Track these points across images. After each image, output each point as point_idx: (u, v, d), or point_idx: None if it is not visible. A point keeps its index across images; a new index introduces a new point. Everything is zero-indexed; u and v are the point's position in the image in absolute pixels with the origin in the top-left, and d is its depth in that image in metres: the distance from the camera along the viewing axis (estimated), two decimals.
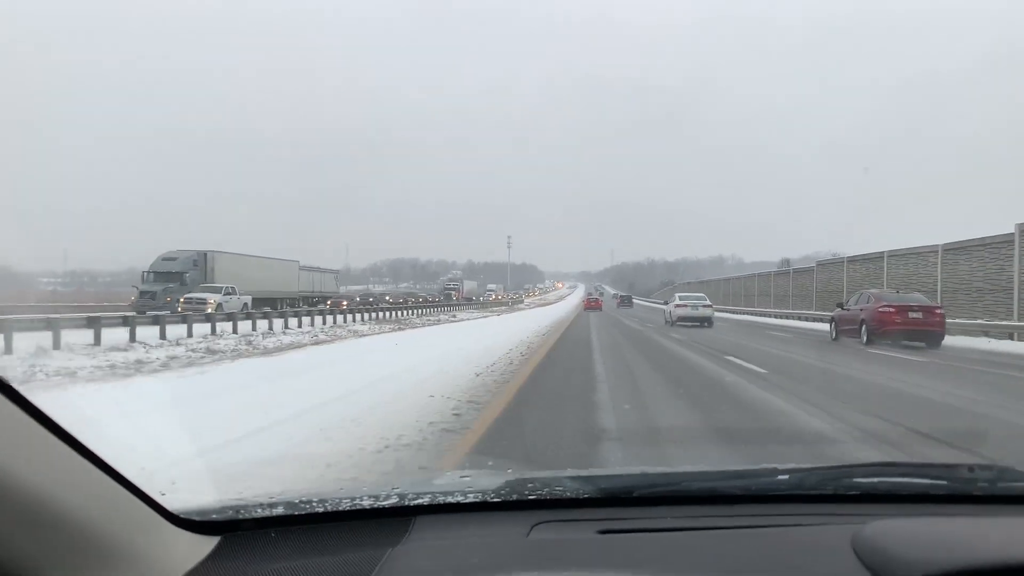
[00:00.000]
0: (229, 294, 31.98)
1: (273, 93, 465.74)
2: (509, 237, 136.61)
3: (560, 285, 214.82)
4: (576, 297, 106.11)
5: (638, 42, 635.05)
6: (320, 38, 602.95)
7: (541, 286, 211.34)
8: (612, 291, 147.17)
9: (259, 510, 1.40)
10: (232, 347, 16.34)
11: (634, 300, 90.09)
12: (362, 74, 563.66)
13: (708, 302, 29.90)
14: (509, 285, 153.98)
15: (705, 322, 27.97)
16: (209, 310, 25.62)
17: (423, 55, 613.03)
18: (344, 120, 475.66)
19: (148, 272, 35.06)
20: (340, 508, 1.44)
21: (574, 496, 1.53)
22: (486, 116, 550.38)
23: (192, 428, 4.82)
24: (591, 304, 56.77)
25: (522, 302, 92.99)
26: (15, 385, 0.90)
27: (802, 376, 10.80)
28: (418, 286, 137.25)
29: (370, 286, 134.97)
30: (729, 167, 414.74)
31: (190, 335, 19.27)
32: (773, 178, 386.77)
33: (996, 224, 24.46)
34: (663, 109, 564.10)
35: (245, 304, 31.77)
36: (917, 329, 17.56)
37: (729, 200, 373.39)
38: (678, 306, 29.13)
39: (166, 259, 35.64)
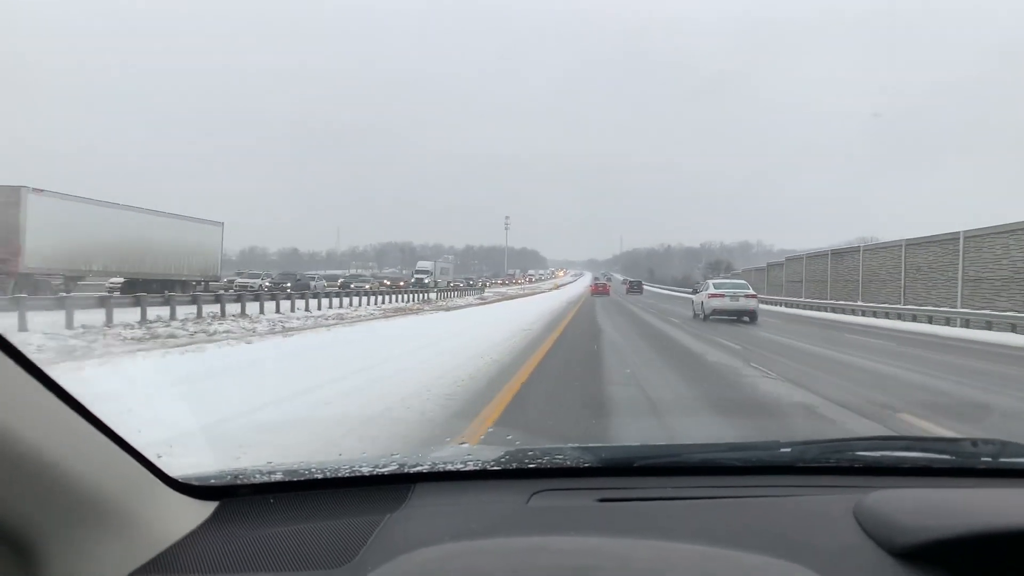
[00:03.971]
0: None
1: (267, 72, 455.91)
2: (507, 218, 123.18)
3: (562, 273, 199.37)
4: (579, 286, 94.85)
5: (661, 23, 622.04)
6: (316, 16, 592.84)
7: (534, 272, 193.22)
8: (621, 278, 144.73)
9: (257, 476, 1.48)
10: None
11: (645, 287, 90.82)
12: (361, 52, 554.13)
13: (750, 290, 25.70)
14: (506, 270, 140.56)
15: (747, 316, 24.65)
16: None
17: (427, 30, 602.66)
18: (341, 100, 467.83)
19: None
20: (339, 475, 1.51)
21: (574, 465, 1.60)
22: (492, 98, 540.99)
23: None
24: (598, 289, 65.38)
25: (483, 292, 66.83)
26: (13, 341, 0.93)
27: None
28: (406, 271, 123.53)
29: (354, 270, 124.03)
30: (755, 151, 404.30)
31: None
32: (802, 163, 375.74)
33: None
34: (681, 91, 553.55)
35: None
36: None
37: (753, 186, 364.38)
38: (713, 296, 24.94)
39: None
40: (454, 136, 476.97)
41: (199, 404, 6.23)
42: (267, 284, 46.69)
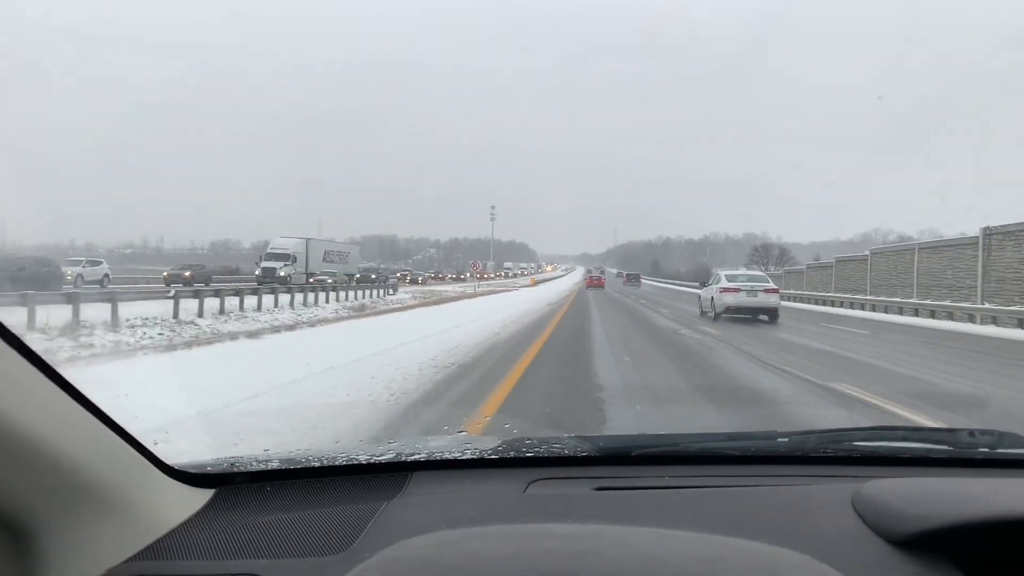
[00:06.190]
0: None
1: (247, 59, 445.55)
2: (492, 207, 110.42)
3: (550, 268, 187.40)
4: (568, 282, 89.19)
5: (662, 8, 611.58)
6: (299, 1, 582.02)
7: (512, 265, 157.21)
8: (615, 271, 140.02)
9: (254, 464, 1.50)
10: None
11: (644, 280, 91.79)
12: (349, 38, 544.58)
13: (771, 284, 22.13)
14: (487, 263, 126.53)
15: (765, 314, 21.17)
16: None
17: (417, 16, 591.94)
18: (325, 87, 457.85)
19: None
20: (336, 463, 1.54)
21: (572, 454, 1.62)
22: (484, 86, 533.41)
23: None
24: (593, 282, 67.38)
25: (393, 293, 41.27)
26: (9, 327, 0.95)
27: None
28: (382, 265, 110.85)
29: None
30: (757, 142, 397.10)
31: None
32: (807, 154, 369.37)
33: None
34: (682, 79, 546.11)
35: None
36: None
37: (755, 178, 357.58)
38: (725, 290, 21.14)
39: None
40: (443, 126, 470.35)
41: None
42: None
